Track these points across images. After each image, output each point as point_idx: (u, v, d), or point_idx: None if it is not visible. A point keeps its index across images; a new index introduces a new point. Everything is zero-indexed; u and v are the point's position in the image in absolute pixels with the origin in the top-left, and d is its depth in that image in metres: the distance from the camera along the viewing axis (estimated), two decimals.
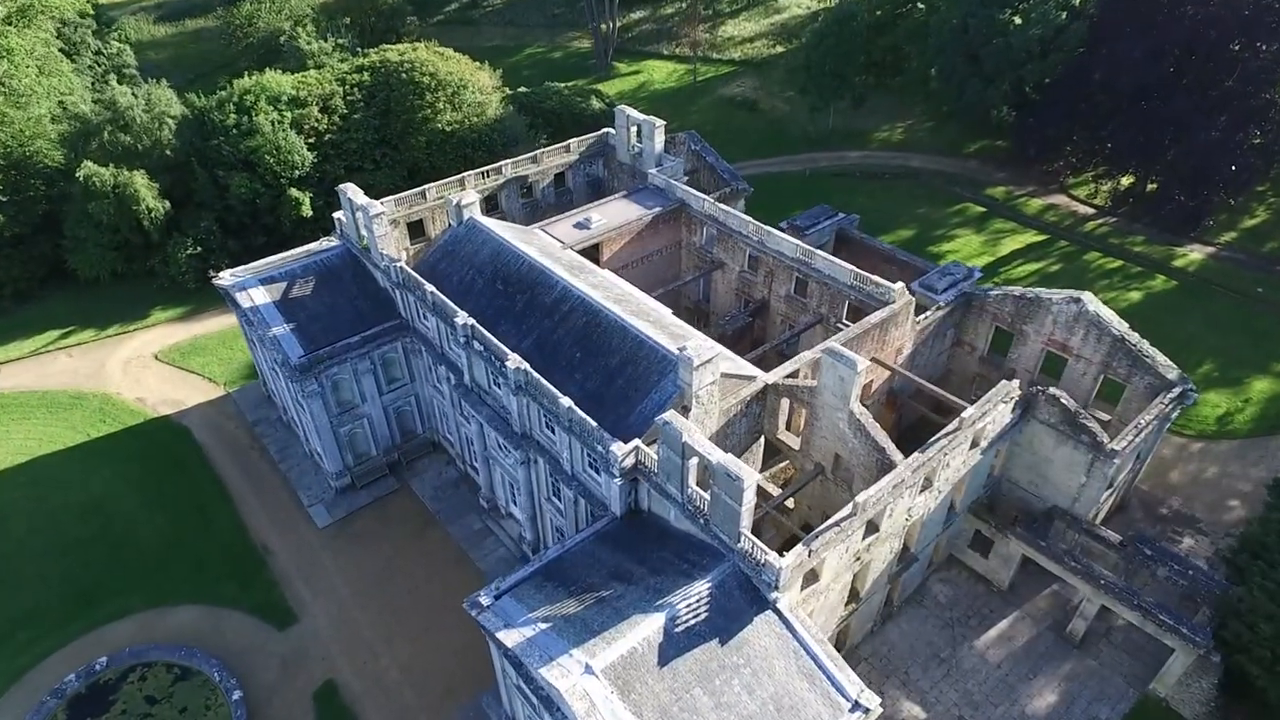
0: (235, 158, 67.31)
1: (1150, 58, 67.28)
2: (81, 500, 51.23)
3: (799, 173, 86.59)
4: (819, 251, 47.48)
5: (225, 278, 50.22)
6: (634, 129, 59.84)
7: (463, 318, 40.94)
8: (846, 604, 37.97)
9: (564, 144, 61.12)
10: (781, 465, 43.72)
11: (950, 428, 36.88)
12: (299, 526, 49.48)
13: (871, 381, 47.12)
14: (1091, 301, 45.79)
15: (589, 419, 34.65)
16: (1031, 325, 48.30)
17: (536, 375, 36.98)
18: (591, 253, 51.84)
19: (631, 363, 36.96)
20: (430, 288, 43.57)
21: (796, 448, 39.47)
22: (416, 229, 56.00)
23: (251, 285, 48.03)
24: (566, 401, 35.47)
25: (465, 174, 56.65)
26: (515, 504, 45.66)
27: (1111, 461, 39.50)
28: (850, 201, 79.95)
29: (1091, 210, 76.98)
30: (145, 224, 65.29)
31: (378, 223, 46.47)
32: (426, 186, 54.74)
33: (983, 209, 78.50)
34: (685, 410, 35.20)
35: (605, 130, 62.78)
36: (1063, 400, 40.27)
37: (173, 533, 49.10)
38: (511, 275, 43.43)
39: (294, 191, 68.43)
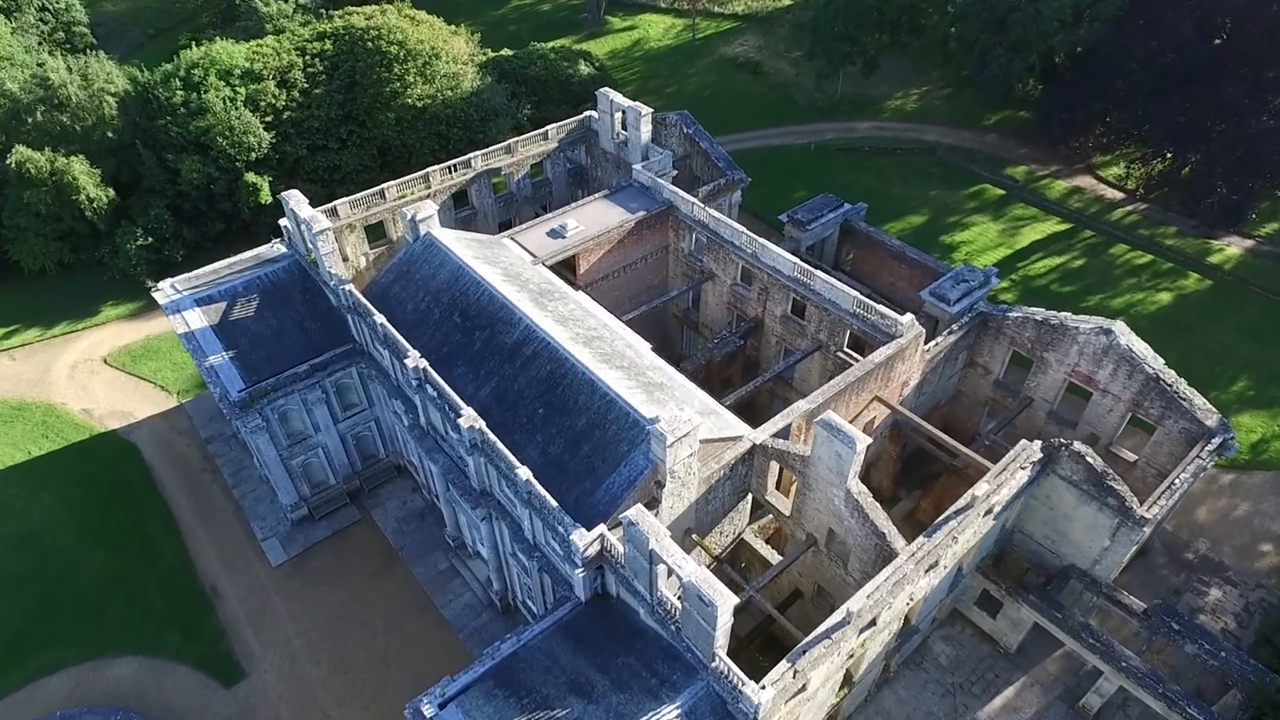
0: (185, 139, 61.46)
1: (1199, 33, 60.19)
2: (19, 531, 47.57)
3: (803, 147, 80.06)
4: (819, 272, 42.29)
5: (165, 290, 45.39)
6: (619, 115, 53.83)
7: (414, 358, 36.28)
8: (839, 691, 34.30)
9: (541, 131, 55.20)
10: (770, 518, 39.57)
11: (961, 504, 32.56)
12: (251, 564, 45.85)
13: (874, 419, 42.67)
14: (1124, 334, 40.77)
15: (549, 498, 30.34)
16: (1054, 354, 43.42)
17: (493, 438, 32.52)
18: (567, 265, 46.76)
19: (600, 426, 32.41)
20: (380, 318, 38.77)
21: (787, 513, 35.24)
22: (378, 230, 50.87)
23: (187, 307, 43.21)
24: (525, 474, 31.11)
25: (431, 169, 51.05)
26: (482, 544, 41.83)
27: (1141, 530, 35.23)
28: (857, 181, 74.00)
29: (1121, 195, 70.77)
30: (88, 214, 59.96)
31: (323, 240, 41.32)
32: (385, 185, 49.28)
33: (1001, 191, 72.33)
34: (659, 485, 30.87)
35: (587, 114, 56.72)
36: (1088, 459, 35.74)
37: (114, 570, 45.54)
38: (470, 307, 38.51)
39: (251, 176, 62.73)
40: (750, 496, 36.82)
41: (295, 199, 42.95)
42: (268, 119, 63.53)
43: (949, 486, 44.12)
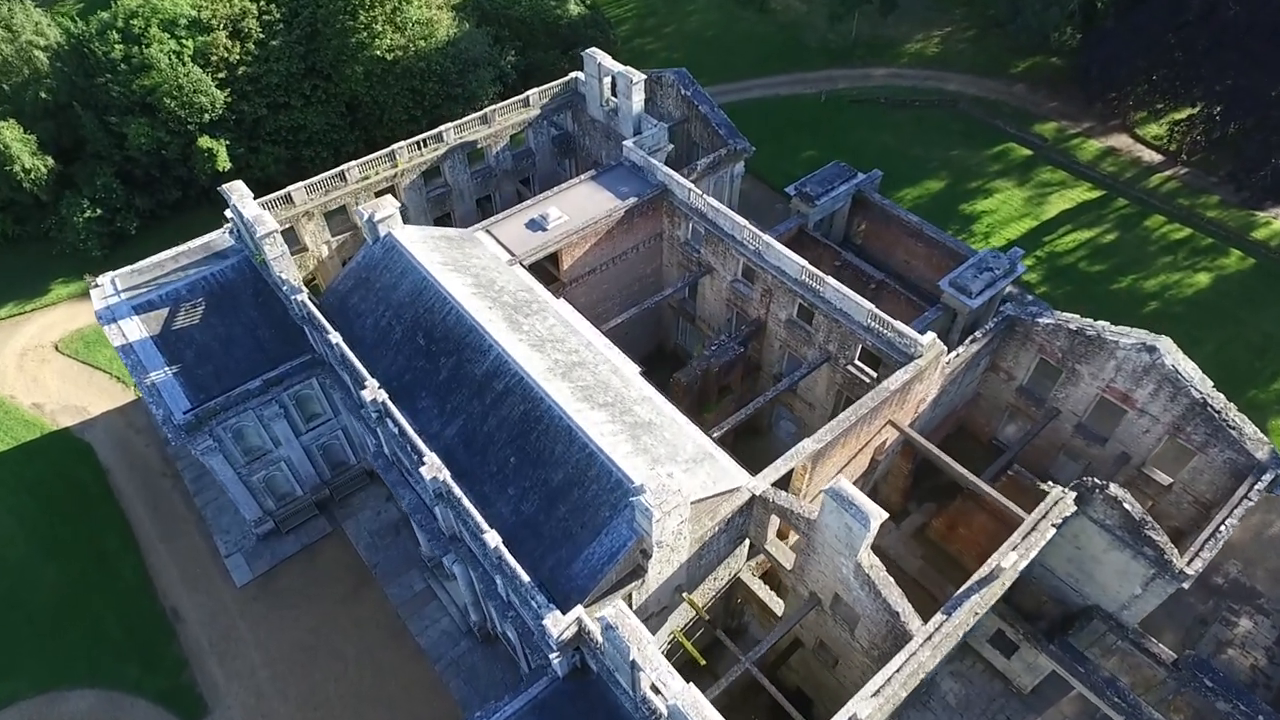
0: (129, 100, 55.44)
1: None
2: None
3: (813, 97, 73.43)
4: (830, 280, 37.57)
5: (104, 287, 40.88)
6: (607, 80, 47.90)
7: (372, 389, 32.16)
8: None
9: (521, 97, 49.28)
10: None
11: (982, 574, 29.04)
12: (214, 584, 42.95)
13: (886, 440, 38.86)
14: (1170, 352, 36.43)
15: (520, 572, 26.81)
16: (1088, 366, 39.21)
17: (458, 493, 28.75)
18: (549, 261, 42.04)
19: (579, 484, 28.58)
20: (336, 338, 34.44)
21: (789, 567, 31.79)
22: (342, 215, 45.87)
23: (124, 315, 38.75)
24: (494, 540, 27.48)
25: (398, 145, 45.54)
26: (458, 577, 38.72)
27: (1179, 584, 31.89)
28: (872, 140, 67.97)
29: (1159, 158, 64.85)
30: (25, 185, 54.64)
31: (270, 244, 36.55)
32: (346, 166, 43.98)
33: (1028, 152, 66.36)
34: (646, 555, 27.31)
35: (573, 75, 50.64)
36: (1126, 505, 32.07)
37: (68, 590, 42.68)
38: (435, 328, 34.09)
39: (205, 141, 57.01)
40: (748, 541, 33.37)
41: (238, 193, 37.91)
42: (220, 75, 57.27)
43: (964, 510, 40.78)
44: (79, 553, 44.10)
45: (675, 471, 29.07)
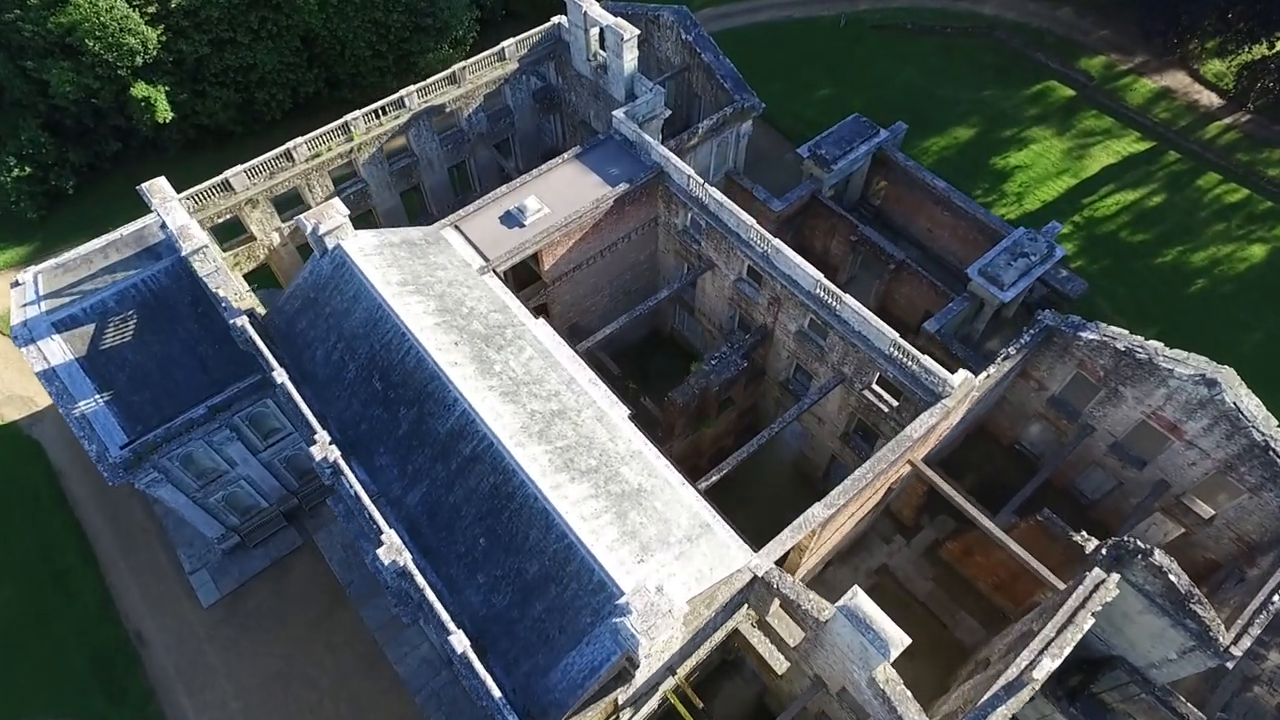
0: (46, 40, 48.21)
1: None
2: None
3: (831, 20, 65.15)
4: (849, 299, 32.63)
5: (25, 286, 35.96)
6: (594, 32, 41.03)
7: (322, 445, 28.10)
8: None
9: (496, 50, 42.43)
10: None
11: (1008, 679, 25.93)
12: (179, 604, 40.44)
13: (900, 475, 35.13)
14: (1232, 386, 32.09)
15: (491, 685, 23.70)
16: (1133, 390, 34.97)
17: (421, 583, 25.27)
18: (530, 258, 36.99)
19: (557, 580, 25.03)
20: (282, 377, 30.02)
21: (791, 644, 28.74)
22: (294, 199, 40.32)
23: (43, 335, 34.01)
24: (461, 644, 24.18)
25: (352, 115, 39.42)
26: None
27: (1221, 662, 28.99)
28: (895, 75, 60.66)
29: (1219, 102, 57.76)
30: None
31: (201, 260, 31.47)
32: (293, 144, 38.11)
33: (1071, 92, 59.17)
34: (632, 663, 24.15)
35: (556, 21, 43.50)
36: (1171, 576, 28.70)
37: (24, 612, 40.21)
38: (393, 369, 29.59)
39: (141, 88, 50.18)
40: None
41: (159, 195, 32.45)
42: (151, 10, 49.64)
43: (982, 538, 37.53)
44: (34, 570, 41.36)
45: (668, 560, 25.52)
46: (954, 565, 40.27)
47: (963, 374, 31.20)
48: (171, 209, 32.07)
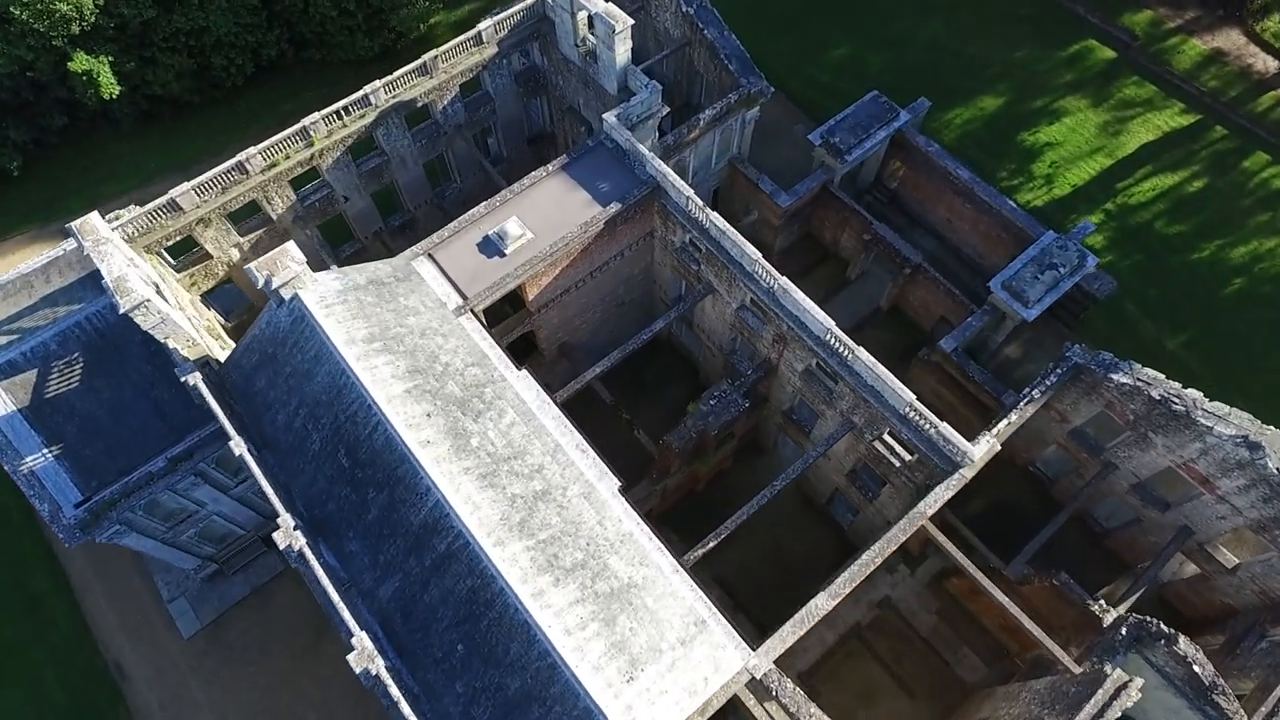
0: None
1: None
2: None
3: None
4: (863, 353, 29.57)
5: None
6: (582, 16, 36.16)
7: (286, 531, 25.84)
8: None
9: (471, 34, 37.52)
10: None
11: None
12: (158, 634, 39.28)
13: None
14: (1276, 451, 29.56)
15: None
16: (1165, 439, 32.49)
17: (396, 694, 23.56)
18: (511, 296, 33.68)
19: (539, 700, 23.26)
20: (240, 449, 27.42)
21: None
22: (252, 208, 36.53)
23: None
24: None
25: (311, 119, 35.05)
26: None
27: None
28: (919, 30, 55.20)
29: (1276, 67, 52.38)
30: None
31: (143, 314, 28.25)
32: (246, 155, 34.08)
33: (1111, 54, 53.71)
34: None
35: None
36: (1195, 666, 27.07)
37: (2, 642, 39.08)
38: (360, 446, 26.95)
39: (81, 60, 45.14)
40: None
41: (91, 235, 28.97)
42: None
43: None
44: (6, 596, 40.01)
45: (660, 674, 23.72)
46: (960, 599, 38.83)
47: (985, 444, 28.64)
48: (106, 253, 28.61)
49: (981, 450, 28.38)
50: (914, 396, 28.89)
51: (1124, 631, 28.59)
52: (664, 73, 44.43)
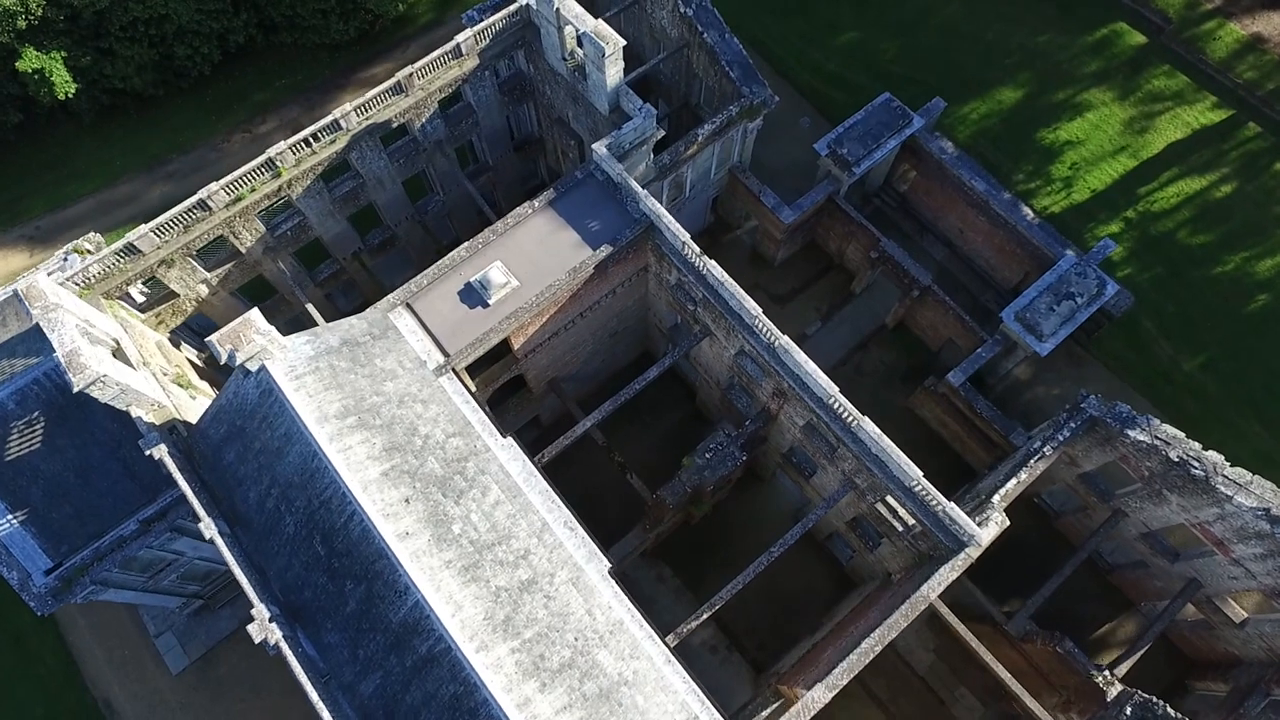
0: None
1: None
2: None
3: None
4: (869, 424, 27.86)
5: None
6: (569, 32, 33.03)
7: (261, 624, 24.81)
8: None
9: (450, 46, 34.35)
10: None
11: None
12: (146, 670, 38.82)
13: None
14: None
15: None
16: (1181, 499, 31.19)
17: None
18: (498, 348, 31.72)
19: None
20: (212, 530, 26.12)
21: None
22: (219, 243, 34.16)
23: None
24: None
25: (278, 148, 32.25)
26: None
27: None
28: (936, 10, 51.74)
29: None
30: None
31: (101, 388, 26.44)
32: (207, 192, 31.52)
33: (1141, 39, 50.06)
34: None
35: (523, 1, 34.96)
36: None
37: None
38: (336, 535, 25.55)
39: (30, 57, 41.91)
40: None
41: (39, 303, 26.83)
42: None
43: (991, 639, 34.99)
44: None
45: None
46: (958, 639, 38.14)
47: (994, 526, 27.22)
48: (57, 321, 26.58)
49: (990, 534, 27.02)
50: (920, 474, 27.34)
51: (1129, 712, 27.84)
52: (660, 72, 41.39)
